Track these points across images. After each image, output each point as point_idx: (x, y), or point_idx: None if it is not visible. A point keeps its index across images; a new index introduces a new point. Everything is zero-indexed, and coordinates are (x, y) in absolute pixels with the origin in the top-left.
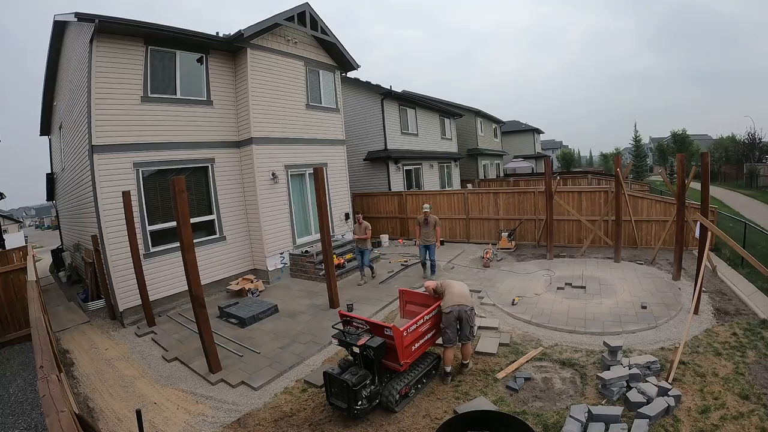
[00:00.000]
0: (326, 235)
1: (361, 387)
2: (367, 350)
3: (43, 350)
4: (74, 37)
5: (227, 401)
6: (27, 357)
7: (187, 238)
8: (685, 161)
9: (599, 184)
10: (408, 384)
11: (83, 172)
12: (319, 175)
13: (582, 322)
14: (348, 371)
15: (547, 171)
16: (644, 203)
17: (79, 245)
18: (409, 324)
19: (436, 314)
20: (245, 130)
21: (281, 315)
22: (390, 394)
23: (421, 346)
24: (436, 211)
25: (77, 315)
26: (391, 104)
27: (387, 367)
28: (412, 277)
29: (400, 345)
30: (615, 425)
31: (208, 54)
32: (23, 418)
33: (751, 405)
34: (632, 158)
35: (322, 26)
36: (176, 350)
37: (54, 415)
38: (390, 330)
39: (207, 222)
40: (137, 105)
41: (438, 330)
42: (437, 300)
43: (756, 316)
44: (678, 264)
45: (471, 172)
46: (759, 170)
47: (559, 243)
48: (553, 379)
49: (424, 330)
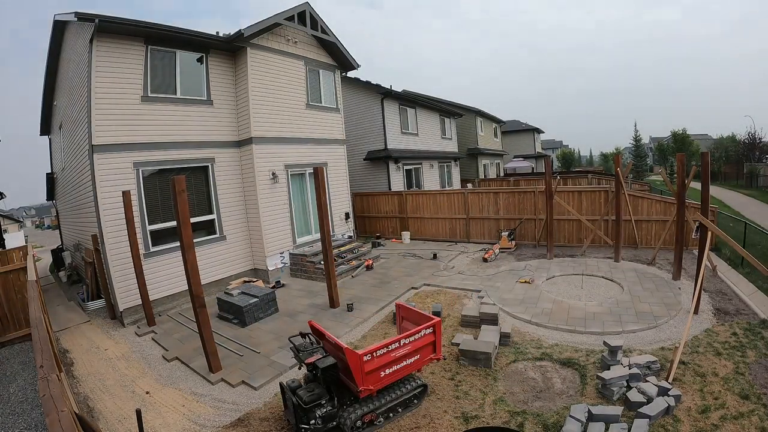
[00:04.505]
0: (326, 235)
1: (314, 406)
2: (315, 370)
3: (43, 350)
4: (74, 37)
5: (227, 401)
6: (27, 357)
7: (187, 237)
8: (685, 161)
9: (599, 183)
10: (374, 411)
11: (83, 171)
12: (319, 175)
13: (582, 321)
14: (306, 387)
15: (548, 170)
16: (644, 203)
17: (79, 245)
18: (375, 347)
19: (421, 337)
20: (245, 130)
21: (281, 314)
22: (348, 419)
23: (397, 372)
24: (436, 211)
25: (77, 315)
26: (392, 104)
27: (351, 389)
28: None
29: (358, 370)
30: (615, 425)
31: (208, 54)
32: (23, 417)
33: (751, 405)
34: (632, 158)
35: (323, 26)
36: (176, 350)
37: (54, 414)
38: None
39: (207, 222)
40: (137, 105)
41: (426, 352)
42: (429, 320)
43: (756, 316)
44: (678, 264)
45: (471, 171)
46: (759, 170)
47: (560, 243)
48: (553, 378)
49: (400, 354)
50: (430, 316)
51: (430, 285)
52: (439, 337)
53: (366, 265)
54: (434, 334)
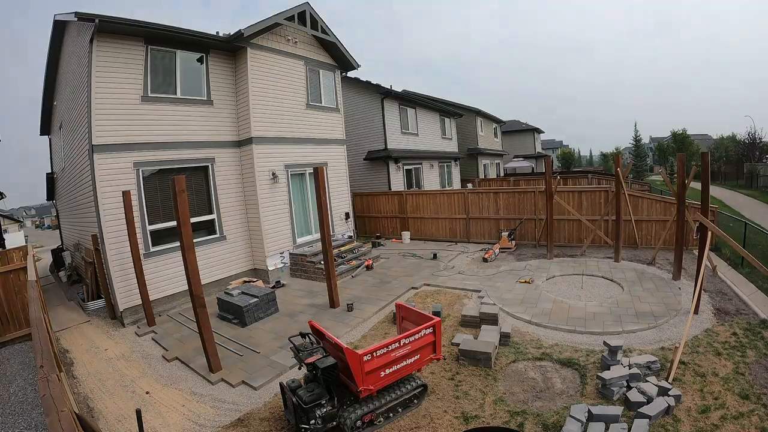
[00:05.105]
0: (326, 235)
1: (314, 406)
2: (315, 370)
3: (43, 350)
4: (74, 37)
5: (227, 401)
6: (27, 356)
7: (188, 237)
8: (685, 161)
9: (599, 183)
10: (374, 411)
11: (83, 171)
12: (319, 175)
13: (582, 321)
14: (306, 387)
15: (548, 170)
16: (644, 203)
17: (79, 245)
18: (375, 347)
19: (421, 337)
20: (245, 130)
21: (281, 314)
22: (348, 419)
23: (397, 372)
24: (436, 211)
25: (77, 314)
26: (392, 104)
27: (351, 389)
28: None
29: (358, 370)
30: (615, 425)
31: (208, 54)
32: (23, 417)
33: (751, 405)
34: (632, 158)
35: (323, 26)
36: (176, 350)
37: (54, 414)
38: (343, 353)
39: (207, 221)
40: (137, 105)
41: (425, 352)
42: (429, 320)
43: (756, 316)
44: (678, 264)
45: (471, 171)
46: (759, 170)
47: (560, 243)
48: (553, 378)
49: (400, 354)
50: (430, 316)
51: (430, 285)
52: (439, 337)
53: (366, 265)
54: (434, 334)
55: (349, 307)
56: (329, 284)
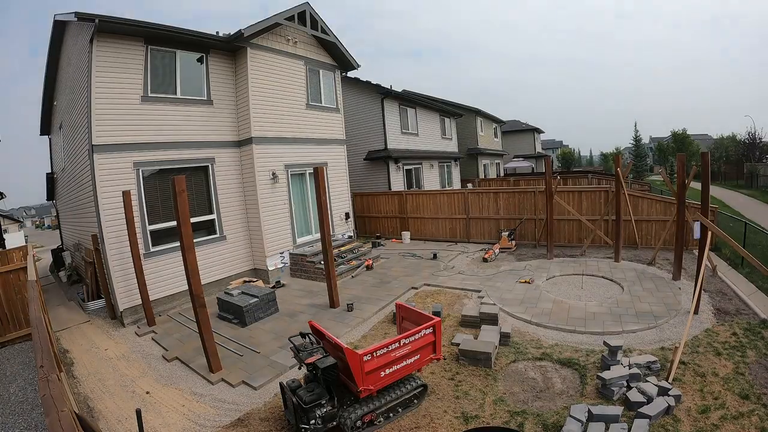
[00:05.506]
0: (326, 235)
1: (314, 406)
2: (315, 370)
3: (43, 350)
4: (74, 37)
5: (227, 401)
6: (27, 357)
7: (188, 237)
8: (685, 161)
9: (599, 183)
10: (374, 411)
11: (83, 171)
12: (319, 175)
13: (582, 321)
14: (306, 387)
15: (548, 170)
16: (644, 203)
17: (79, 245)
18: (375, 347)
19: (421, 337)
20: (245, 130)
21: (281, 314)
22: (348, 419)
23: (397, 372)
24: (436, 211)
25: (77, 314)
26: (392, 104)
27: (351, 389)
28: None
29: (358, 370)
30: (615, 425)
31: (208, 54)
32: (23, 417)
33: (751, 405)
34: (632, 158)
35: (323, 26)
36: (176, 350)
37: (54, 414)
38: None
39: (207, 221)
40: (137, 105)
41: (426, 352)
42: (429, 320)
43: (756, 316)
44: (678, 264)
45: (471, 171)
46: (759, 170)
47: (560, 242)
48: (553, 378)
49: (400, 354)
50: (430, 316)
51: (430, 285)
52: (439, 337)
53: (366, 265)
54: (434, 334)
55: (349, 307)
56: (329, 284)
